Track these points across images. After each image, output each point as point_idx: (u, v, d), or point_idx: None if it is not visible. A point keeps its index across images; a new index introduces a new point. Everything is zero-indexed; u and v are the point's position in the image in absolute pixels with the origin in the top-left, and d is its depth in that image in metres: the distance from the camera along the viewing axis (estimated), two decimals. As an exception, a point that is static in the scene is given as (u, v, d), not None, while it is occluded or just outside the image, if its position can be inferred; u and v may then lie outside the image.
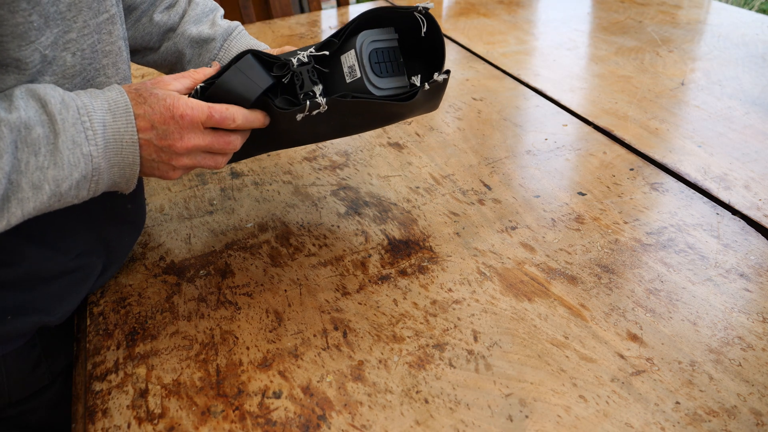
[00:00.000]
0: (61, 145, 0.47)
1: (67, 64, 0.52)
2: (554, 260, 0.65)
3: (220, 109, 0.54)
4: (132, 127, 0.51)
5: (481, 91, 1.05)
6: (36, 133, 0.46)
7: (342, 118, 0.61)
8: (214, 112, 0.54)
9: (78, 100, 0.49)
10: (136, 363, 0.55)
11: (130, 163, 0.52)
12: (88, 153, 0.49)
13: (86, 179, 0.49)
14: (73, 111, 0.48)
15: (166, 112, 0.52)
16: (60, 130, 0.47)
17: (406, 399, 0.51)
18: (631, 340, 0.55)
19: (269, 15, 1.59)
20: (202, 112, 0.54)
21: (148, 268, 0.67)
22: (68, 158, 0.47)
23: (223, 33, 0.73)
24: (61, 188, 0.48)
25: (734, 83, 1.05)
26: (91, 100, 0.50)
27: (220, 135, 0.56)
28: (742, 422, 0.48)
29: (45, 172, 0.46)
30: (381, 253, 0.67)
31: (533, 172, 0.81)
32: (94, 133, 0.49)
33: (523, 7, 1.50)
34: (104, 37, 0.56)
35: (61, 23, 0.50)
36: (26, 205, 0.46)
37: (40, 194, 0.46)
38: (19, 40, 0.47)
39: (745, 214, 0.72)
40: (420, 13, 0.60)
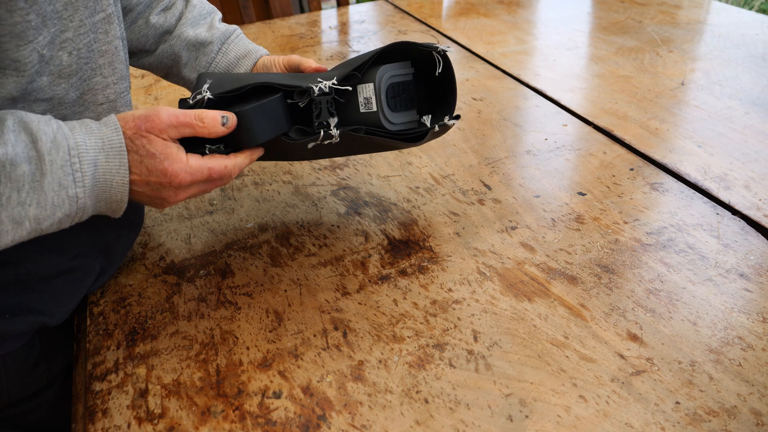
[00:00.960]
0: (46, 186, 0.46)
1: (63, 64, 0.52)
2: (554, 260, 0.65)
3: (219, 169, 0.54)
4: (124, 169, 0.50)
5: (481, 91, 1.05)
6: (21, 170, 0.44)
7: (348, 146, 0.62)
8: (213, 173, 0.54)
9: (71, 139, 0.47)
10: (136, 363, 0.55)
11: (117, 200, 0.51)
12: (74, 195, 0.47)
13: (69, 217, 0.48)
14: (63, 152, 0.47)
15: (163, 178, 0.51)
16: (47, 171, 0.46)
17: (406, 399, 0.51)
18: (631, 340, 0.55)
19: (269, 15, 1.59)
20: (201, 176, 0.53)
21: (148, 268, 0.67)
22: (52, 199, 0.46)
23: (221, 36, 0.72)
24: (41, 226, 0.47)
25: (734, 83, 1.05)
26: (85, 138, 0.48)
27: (215, 182, 0.56)
28: (742, 422, 0.48)
29: (26, 209, 0.45)
30: (381, 253, 0.67)
31: (533, 172, 0.81)
32: (83, 174, 0.48)
33: (523, 7, 1.50)
34: (100, 36, 0.55)
35: (58, 22, 0.50)
36: (4, 238, 0.45)
37: (20, 230, 0.45)
38: (17, 40, 0.46)
39: (745, 214, 0.72)
40: (438, 53, 0.62)
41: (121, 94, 0.60)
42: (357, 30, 1.38)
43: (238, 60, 0.72)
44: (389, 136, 0.60)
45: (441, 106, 0.65)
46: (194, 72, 0.72)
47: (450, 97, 0.65)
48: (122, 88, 0.60)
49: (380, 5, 1.56)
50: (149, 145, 0.51)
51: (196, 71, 0.72)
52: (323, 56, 1.22)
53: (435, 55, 0.62)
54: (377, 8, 1.53)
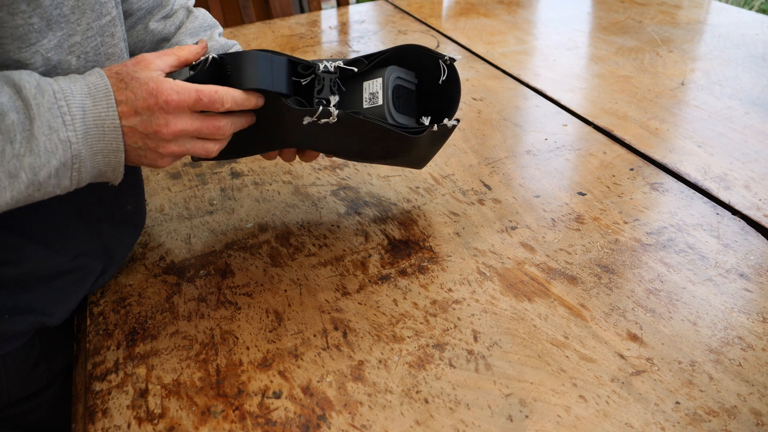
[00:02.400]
0: (36, 131, 0.45)
1: (72, 68, 0.52)
2: (554, 260, 0.65)
3: (208, 91, 0.51)
4: (113, 111, 0.48)
5: (481, 91, 1.05)
6: (10, 119, 0.44)
7: (344, 137, 0.61)
8: (202, 96, 0.51)
9: (55, 85, 0.46)
10: (136, 363, 0.55)
11: (113, 149, 0.49)
12: (66, 138, 0.46)
13: (66, 167, 0.47)
14: (48, 95, 0.46)
15: (150, 98, 0.49)
16: (35, 116, 0.45)
17: (406, 399, 0.51)
18: (631, 340, 0.55)
19: (269, 15, 1.59)
20: (189, 96, 0.51)
21: (148, 268, 0.67)
22: (44, 144, 0.45)
23: (218, 50, 0.70)
24: (38, 176, 0.45)
25: (734, 83, 1.05)
26: (70, 85, 0.47)
27: (209, 119, 0.53)
28: (742, 422, 0.48)
29: (21, 160, 0.44)
30: (381, 253, 0.67)
31: (533, 172, 0.81)
32: (72, 118, 0.46)
33: (523, 7, 1.50)
34: (107, 39, 0.56)
35: (65, 26, 0.50)
36: (2, 195, 0.44)
37: (17, 183, 0.44)
38: (18, 42, 0.46)
39: (745, 214, 0.72)
40: (445, 62, 0.62)
41: None
42: (357, 30, 1.38)
43: None
44: (389, 125, 0.60)
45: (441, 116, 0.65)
46: None
47: (452, 104, 0.65)
48: None
49: (380, 5, 1.56)
50: (134, 71, 0.50)
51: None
52: (323, 56, 1.22)
53: (441, 64, 0.62)
54: (377, 8, 1.53)
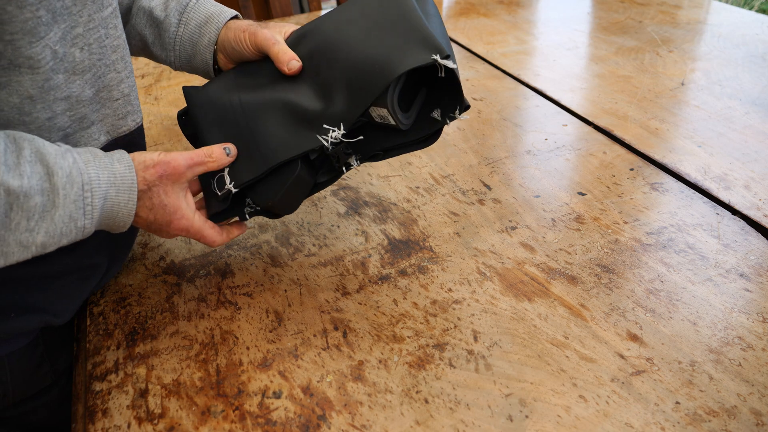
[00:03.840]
0: (56, 219, 0.48)
1: (76, 60, 0.52)
2: (554, 260, 0.65)
3: (209, 241, 0.60)
4: (132, 204, 0.53)
5: (481, 91, 1.05)
6: (34, 201, 0.46)
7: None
8: (202, 240, 0.59)
9: (85, 175, 0.49)
10: (136, 363, 0.55)
11: (120, 226, 0.54)
12: (82, 226, 0.50)
13: (72, 242, 0.50)
14: (77, 188, 0.48)
15: (165, 225, 0.56)
16: (59, 205, 0.47)
17: (406, 399, 0.51)
18: (631, 340, 0.55)
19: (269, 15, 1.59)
20: (194, 235, 0.59)
21: (148, 268, 0.67)
22: (61, 229, 0.48)
23: (177, 7, 0.68)
24: (46, 249, 0.48)
25: (734, 83, 1.05)
26: (99, 173, 0.50)
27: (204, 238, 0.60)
28: (742, 422, 0.48)
29: (34, 236, 0.47)
30: (381, 253, 0.67)
31: (533, 172, 0.81)
32: (93, 208, 0.50)
33: (523, 7, 1.50)
34: (111, 31, 0.56)
35: (68, 18, 0.50)
36: (9, 258, 0.47)
37: (25, 253, 0.47)
38: (29, 36, 0.46)
39: (745, 214, 0.72)
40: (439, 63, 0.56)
41: (132, 87, 0.60)
42: (357, 30, 1.38)
43: (200, 29, 0.67)
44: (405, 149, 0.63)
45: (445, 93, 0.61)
46: (163, 50, 0.69)
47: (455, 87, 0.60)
48: (133, 81, 0.61)
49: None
50: (164, 195, 0.55)
51: (164, 49, 0.69)
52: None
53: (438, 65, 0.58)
54: (377, 8, 1.53)
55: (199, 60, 0.68)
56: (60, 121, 0.53)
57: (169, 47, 0.68)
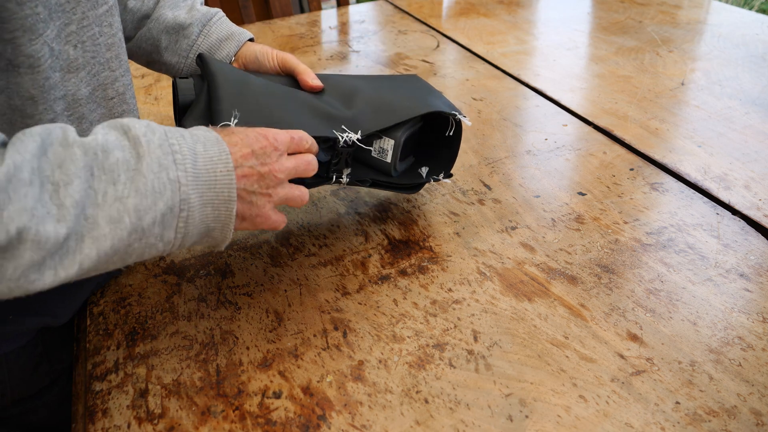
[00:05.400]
0: (144, 169, 0.41)
1: (70, 58, 0.52)
2: (554, 260, 0.65)
3: (296, 132, 0.54)
4: (226, 155, 0.46)
5: (481, 91, 1.05)
6: (114, 157, 0.40)
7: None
8: (293, 135, 0.53)
9: (164, 127, 0.45)
10: (136, 363, 0.55)
11: (225, 199, 0.46)
12: (176, 178, 0.42)
13: (173, 213, 0.43)
14: (160, 134, 0.44)
15: (261, 138, 0.50)
16: (144, 153, 0.42)
17: (406, 399, 0.51)
18: (631, 340, 0.55)
19: (269, 15, 1.59)
20: (286, 134, 0.53)
21: (148, 268, 0.67)
22: (152, 183, 0.41)
23: (202, 18, 0.69)
24: (143, 221, 0.41)
25: (734, 83, 1.05)
26: (178, 131, 0.46)
27: (301, 156, 0.54)
28: (742, 422, 0.48)
29: (125, 202, 0.40)
30: (381, 253, 0.67)
31: (533, 172, 0.81)
32: (183, 157, 0.43)
33: (523, 7, 1.50)
34: (105, 29, 0.56)
35: (62, 15, 0.50)
36: (102, 244, 0.40)
37: (119, 229, 0.40)
38: (29, 33, 0.46)
39: (745, 214, 0.72)
40: (454, 119, 0.68)
41: (128, 86, 0.60)
42: (357, 30, 1.38)
43: (220, 42, 0.69)
44: (391, 188, 0.68)
45: (439, 158, 0.70)
46: (175, 56, 0.69)
47: (451, 155, 0.70)
48: (128, 80, 0.60)
49: (380, 5, 1.56)
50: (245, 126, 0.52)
51: (178, 55, 0.69)
52: (323, 56, 1.22)
53: (451, 119, 0.68)
54: (377, 8, 1.53)
55: None
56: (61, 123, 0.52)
57: (184, 53, 0.69)
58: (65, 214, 0.38)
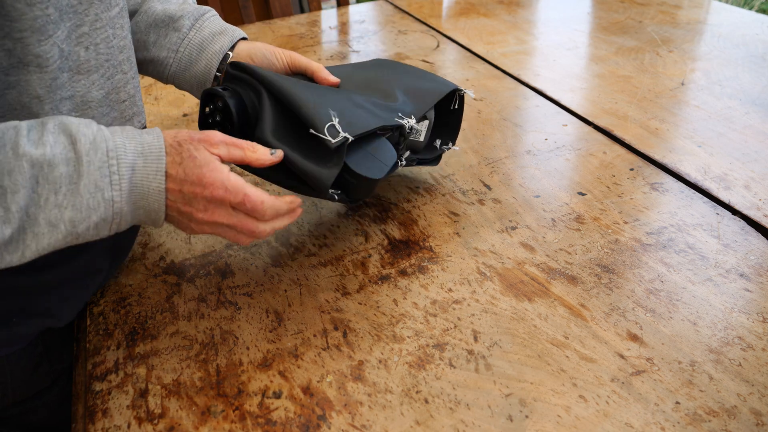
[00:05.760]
0: (82, 189, 0.45)
1: (81, 59, 0.51)
2: (554, 260, 0.65)
3: (255, 200, 0.51)
4: (161, 175, 0.48)
5: (481, 91, 1.05)
6: (59, 171, 0.44)
7: None
8: (247, 201, 0.50)
9: (110, 141, 0.47)
10: (136, 363, 0.55)
11: (155, 209, 0.50)
12: (110, 198, 0.46)
13: (106, 222, 0.47)
14: (101, 153, 0.46)
15: (197, 186, 0.49)
16: (84, 173, 0.45)
17: (406, 399, 0.51)
18: (631, 340, 0.55)
19: (269, 15, 1.59)
20: (235, 196, 0.50)
21: (148, 268, 0.67)
22: (87, 201, 0.45)
23: (194, 12, 0.67)
24: (77, 229, 0.46)
25: (734, 83, 1.05)
26: (125, 141, 0.48)
27: (246, 220, 0.52)
28: (742, 422, 0.48)
29: (62, 212, 0.44)
30: (381, 253, 0.67)
31: (533, 172, 0.81)
32: (120, 177, 0.47)
33: (523, 7, 1.50)
34: (118, 31, 0.55)
35: (74, 16, 0.50)
36: (41, 240, 0.45)
37: (56, 232, 0.45)
38: (38, 34, 0.46)
39: (745, 214, 0.72)
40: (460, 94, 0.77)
41: (137, 88, 0.60)
42: (357, 30, 1.38)
43: (213, 36, 0.67)
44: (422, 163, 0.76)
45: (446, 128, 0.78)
46: (164, 50, 0.66)
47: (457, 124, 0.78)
48: (137, 82, 0.60)
49: (380, 5, 1.56)
50: (195, 150, 0.50)
51: (167, 49, 0.66)
52: (323, 56, 1.22)
53: (456, 94, 0.77)
54: (377, 8, 1.53)
55: (202, 65, 0.67)
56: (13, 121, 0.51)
57: (173, 48, 0.66)
58: (10, 217, 0.43)
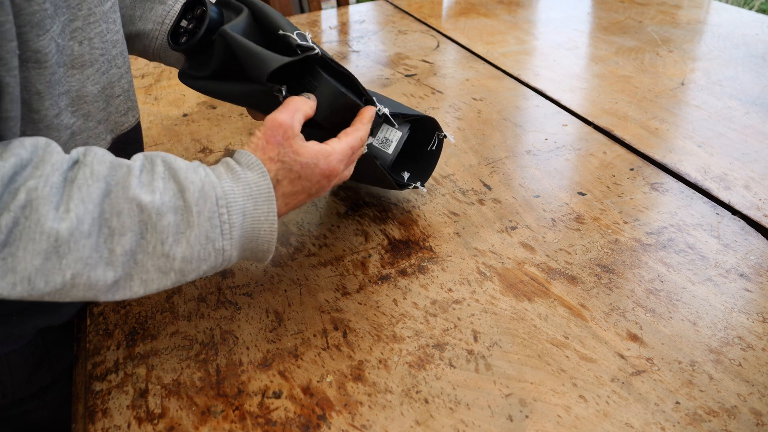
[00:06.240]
0: (192, 240, 0.44)
1: (74, 54, 0.51)
2: (554, 260, 0.65)
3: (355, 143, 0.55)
4: (273, 215, 0.48)
5: (481, 91, 1.05)
6: (167, 220, 0.43)
7: None
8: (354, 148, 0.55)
9: (218, 188, 0.46)
10: (136, 363, 0.55)
11: (264, 250, 0.50)
12: (221, 248, 0.46)
13: (214, 269, 0.47)
14: (211, 203, 0.45)
15: (324, 180, 0.52)
16: (194, 224, 0.44)
17: (406, 399, 0.51)
18: (631, 340, 0.55)
19: (269, 15, 1.59)
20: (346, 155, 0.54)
21: (148, 268, 0.67)
22: (198, 253, 0.45)
23: None
24: (187, 277, 0.45)
25: (734, 83, 1.05)
26: (233, 186, 0.47)
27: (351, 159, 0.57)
28: (742, 422, 0.48)
29: (171, 261, 0.44)
30: (381, 253, 0.67)
31: (533, 172, 0.81)
32: (231, 227, 0.46)
33: (523, 7, 1.50)
34: (111, 26, 0.55)
35: (66, 11, 0.50)
36: (149, 286, 0.44)
37: (165, 279, 0.44)
38: (37, 29, 0.46)
39: (745, 214, 0.72)
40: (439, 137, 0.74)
41: (131, 83, 0.60)
42: (357, 30, 1.38)
43: None
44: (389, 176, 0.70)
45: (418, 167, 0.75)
46: (150, 23, 0.65)
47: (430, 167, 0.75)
48: (131, 76, 0.60)
49: (380, 5, 1.56)
50: (297, 156, 0.50)
51: (152, 21, 0.65)
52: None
53: (436, 135, 0.73)
54: (377, 8, 1.53)
55: None
56: (65, 118, 0.52)
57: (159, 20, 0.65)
58: (114, 260, 0.42)
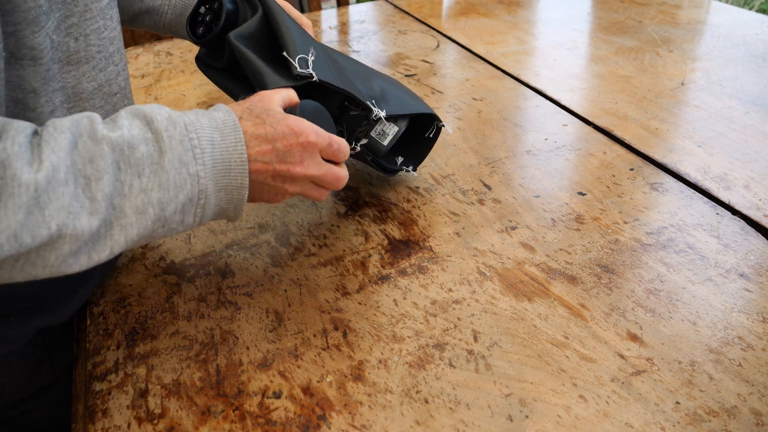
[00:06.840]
0: (167, 165, 0.44)
1: (70, 50, 0.51)
2: (554, 260, 0.65)
3: (338, 139, 0.54)
4: (241, 146, 0.48)
5: (481, 91, 1.05)
6: (140, 152, 0.43)
7: None
8: (333, 142, 0.53)
9: (185, 117, 0.46)
10: (136, 363, 0.55)
11: (237, 186, 0.49)
12: (195, 173, 0.45)
13: (192, 202, 0.46)
14: (180, 128, 0.45)
15: (291, 136, 0.50)
16: (166, 149, 0.44)
17: (406, 399, 0.51)
18: (631, 340, 0.55)
19: (269, 15, 1.59)
20: (323, 140, 0.52)
21: (148, 268, 0.67)
22: (174, 179, 0.44)
23: None
24: (165, 212, 0.45)
25: (734, 83, 1.05)
26: (198, 118, 0.47)
27: (333, 169, 0.55)
28: (742, 422, 0.48)
29: (149, 195, 0.43)
30: (381, 253, 0.67)
31: (533, 172, 0.81)
32: (202, 151, 0.46)
33: (523, 7, 1.50)
34: (108, 23, 0.55)
35: (62, 7, 0.49)
36: (129, 232, 0.43)
37: (144, 218, 0.43)
38: (32, 26, 0.46)
39: (745, 214, 0.72)
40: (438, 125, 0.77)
41: (127, 80, 0.60)
42: (357, 30, 1.38)
43: None
44: (379, 168, 0.74)
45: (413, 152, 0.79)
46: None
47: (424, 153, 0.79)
48: (127, 74, 0.60)
49: (380, 5, 1.56)
50: (266, 108, 0.51)
51: None
52: (323, 56, 1.22)
53: (435, 124, 0.77)
54: (377, 8, 1.53)
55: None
56: (60, 116, 0.51)
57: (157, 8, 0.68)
58: (97, 207, 0.41)
